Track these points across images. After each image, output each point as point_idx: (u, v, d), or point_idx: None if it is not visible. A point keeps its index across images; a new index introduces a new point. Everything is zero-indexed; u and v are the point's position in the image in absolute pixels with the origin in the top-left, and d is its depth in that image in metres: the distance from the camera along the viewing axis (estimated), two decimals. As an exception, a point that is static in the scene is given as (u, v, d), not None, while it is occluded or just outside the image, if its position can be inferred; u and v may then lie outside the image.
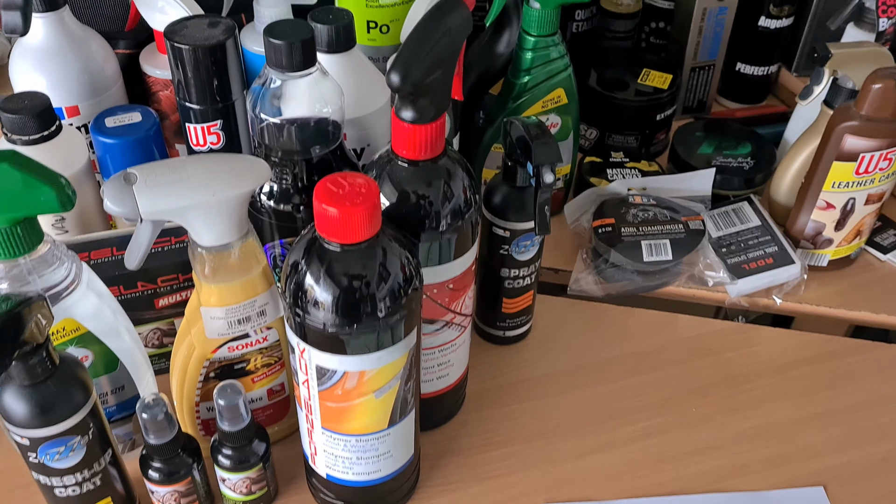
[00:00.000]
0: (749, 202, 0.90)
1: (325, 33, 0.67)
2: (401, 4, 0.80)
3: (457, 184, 0.57)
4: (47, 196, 0.50)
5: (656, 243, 0.81)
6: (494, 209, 0.69)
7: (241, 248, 0.56)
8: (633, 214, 0.84)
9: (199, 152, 0.71)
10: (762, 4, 1.01)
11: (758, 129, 1.00)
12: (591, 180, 0.91)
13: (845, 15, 0.88)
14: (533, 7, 0.76)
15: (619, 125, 0.98)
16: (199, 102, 0.68)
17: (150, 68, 0.78)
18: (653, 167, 0.93)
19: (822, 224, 0.83)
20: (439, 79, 0.52)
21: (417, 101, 0.52)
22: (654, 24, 1.07)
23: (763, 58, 1.05)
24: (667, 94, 0.96)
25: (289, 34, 0.58)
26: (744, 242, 0.85)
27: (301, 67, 0.59)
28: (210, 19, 0.68)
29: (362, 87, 0.70)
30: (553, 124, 0.83)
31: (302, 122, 0.60)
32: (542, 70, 0.80)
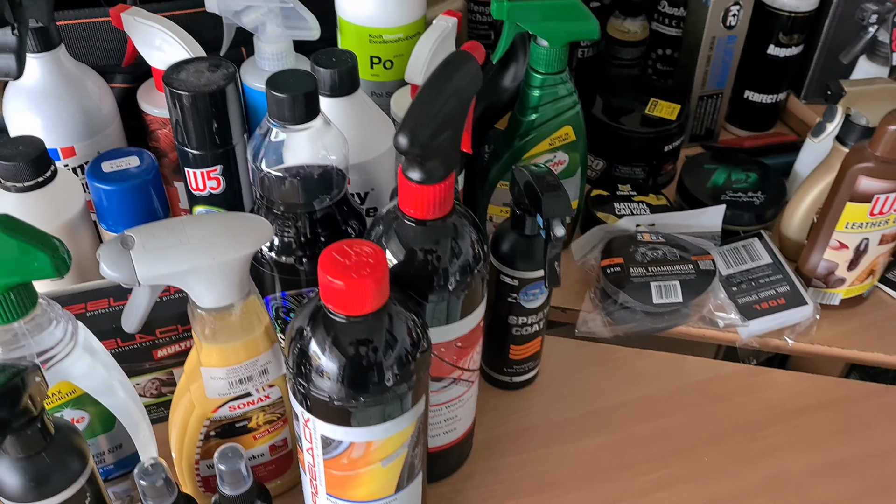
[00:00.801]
0: (759, 238, 0.88)
1: (328, 77, 0.65)
2: (405, 40, 0.79)
3: (465, 241, 0.55)
4: (41, 262, 0.48)
5: (666, 285, 0.79)
6: (502, 257, 0.67)
7: (243, 308, 0.55)
8: (642, 253, 0.82)
9: (199, 196, 0.69)
10: (772, 33, 0.99)
11: (766, 158, 0.99)
12: (599, 215, 0.89)
13: (858, 49, 0.86)
14: (541, 45, 0.74)
15: (626, 157, 0.96)
16: (198, 148, 0.66)
17: (148, 106, 0.76)
18: (661, 201, 0.91)
19: (835, 264, 0.81)
20: (449, 139, 0.50)
21: (426, 163, 0.50)
22: (661, 50, 1.05)
23: (772, 86, 1.04)
24: (675, 125, 0.95)
25: (291, 86, 0.56)
26: (755, 281, 0.84)
27: (304, 120, 0.57)
28: (210, 62, 0.66)
29: (366, 131, 0.68)
30: (560, 161, 0.81)
31: (305, 174, 0.58)
32: (549, 107, 0.78)
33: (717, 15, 0.94)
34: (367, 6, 0.76)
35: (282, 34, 0.77)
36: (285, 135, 0.57)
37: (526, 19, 0.73)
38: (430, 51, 0.72)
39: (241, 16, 0.76)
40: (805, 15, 0.97)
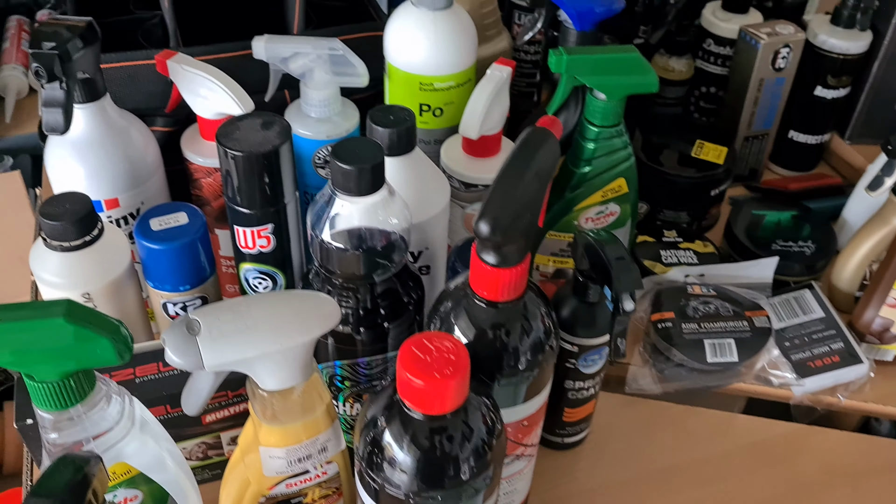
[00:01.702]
0: (811, 289, 0.86)
1: (385, 137, 0.63)
2: (455, 88, 0.76)
3: (537, 322, 0.53)
4: (104, 348, 0.46)
5: (720, 343, 0.77)
6: (563, 323, 0.65)
7: (305, 387, 0.53)
8: (694, 308, 0.80)
9: (247, 254, 0.67)
10: (820, 75, 0.97)
11: (811, 202, 0.97)
12: (646, 263, 0.87)
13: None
14: (598, 98, 0.72)
15: (671, 201, 0.94)
16: (249, 207, 0.64)
17: (193, 155, 0.74)
18: (708, 248, 0.89)
19: (891, 321, 0.79)
20: (527, 222, 0.48)
21: (503, 248, 0.48)
22: (705, 88, 1.03)
23: (817, 126, 1.01)
24: (722, 169, 0.92)
25: (357, 156, 0.54)
26: (808, 336, 0.81)
27: (369, 192, 0.55)
28: (264, 119, 0.64)
29: (422, 190, 0.66)
30: (612, 213, 0.79)
31: (367, 246, 0.56)
32: (603, 160, 0.76)
33: (766, 57, 0.92)
34: (419, 54, 0.74)
35: (329, 81, 0.75)
36: (349, 205, 0.55)
37: (585, 72, 0.71)
38: (486, 104, 0.70)
39: (289, 62, 0.74)
40: (855, 57, 0.95)
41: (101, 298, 0.65)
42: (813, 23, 0.97)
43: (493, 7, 0.87)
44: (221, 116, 0.72)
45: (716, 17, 0.98)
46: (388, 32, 0.76)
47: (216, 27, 0.88)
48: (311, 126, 0.76)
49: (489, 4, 0.86)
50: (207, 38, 0.83)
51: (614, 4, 0.76)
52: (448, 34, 0.74)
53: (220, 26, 0.87)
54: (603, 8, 0.76)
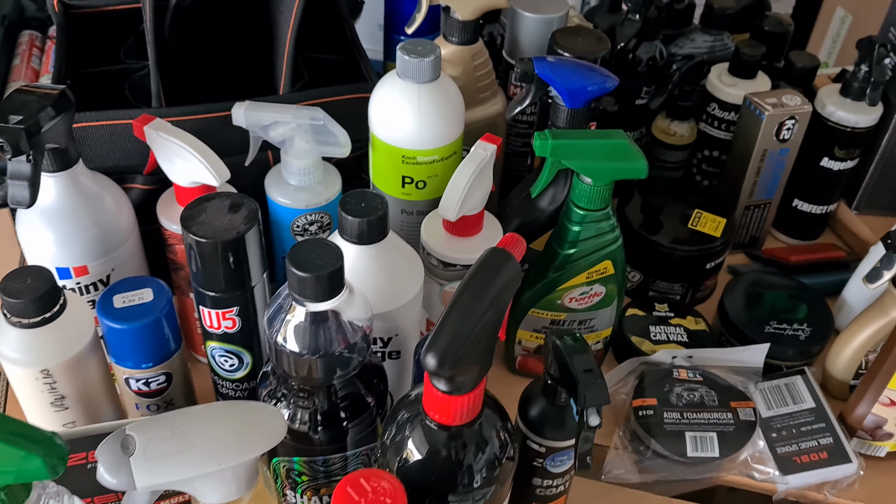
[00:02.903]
0: (803, 376, 0.83)
1: (355, 226, 0.61)
2: (440, 161, 0.74)
3: (492, 442, 0.51)
4: (35, 465, 0.44)
5: (702, 436, 0.75)
6: (530, 423, 0.63)
7: (252, 495, 0.51)
8: (678, 395, 0.78)
9: (213, 334, 0.66)
10: (827, 146, 0.94)
11: (813, 275, 0.94)
12: (633, 339, 0.84)
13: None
14: (584, 182, 0.70)
15: (665, 271, 0.91)
16: (213, 290, 0.62)
17: (167, 221, 0.72)
18: (699, 325, 0.87)
19: (884, 419, 0.76)
20: (483, 348, 0.46)
21: (455, 379, 0.46)
22: (708, 152, 1.00)
23: (822, 197, 0.98)
24: (719, 242, 0.90)
25: (314, 262, 0.52)
26: (796, 428, 0.79)
27: (327, 297, 0.53)
28: (232, 200, 0.62)
29: (394, 279, 0.64)
30: (597, 293, 0.77)
31: (325, 351, 0.54)
32: (589, 242, 0.73)
33: (770, 128, 0.89)
34: (402, 128, 0.72)
35: (310, 150, 0.73)
36: (306, 311, 0.53)
37: (570, 157, 0.68)
38: (466, 186, 0.68)
39: (269, 130, 0.72)
40: (864, 130, 0.92)
41: (60, 375, 0.63)
42: (822, 93, 0.94)
43: (487, 69, 0.84)
44: (197, 185, 0.71)
45: (721, 82, 0.95)
46: (373, 103, 0.74)
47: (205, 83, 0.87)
48: (291, 194, 0.75)
49: (484, 67, 0.84)
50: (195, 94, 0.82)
51: (607, 83, 0.73)
52: (433, 108, 0.72)
53: (208, 83, 0.86)
54: (595, 86, 0.73)
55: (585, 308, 0.78)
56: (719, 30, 1.00)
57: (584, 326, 0.80)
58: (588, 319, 0.79)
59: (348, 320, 0.55)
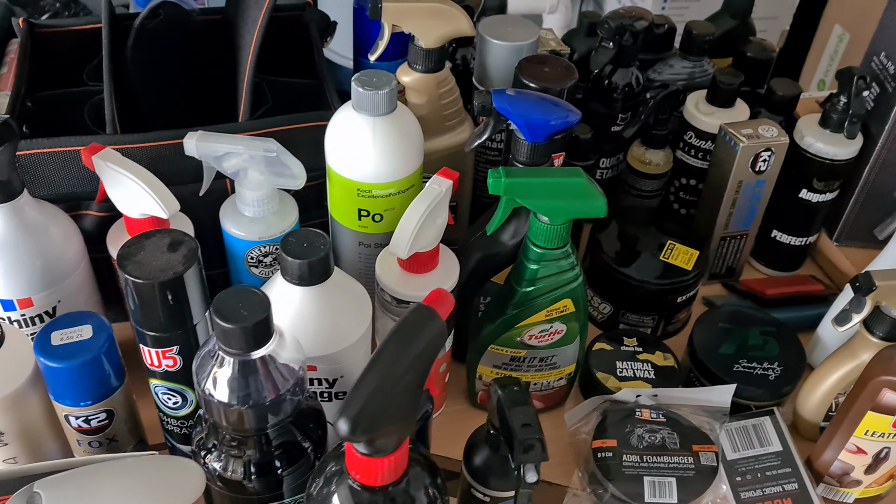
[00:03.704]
0: (771, 417, 0.81)
1: (296, 268, 0.59)
2: (396, 195, 0.73)
3: (420, 501, 0.49)
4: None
5: (661, 481, 0.73)
6: (474, 472, 0.61)
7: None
8: (639, 436, 0.76)
9: (154, 372, 0.64)
10: (806, 178, 0.91)
11: (787, 310, 0.92)
12: (598, 376, 0.82)
13: (895, 225, 0.78)
14: (541, 220, 0.68)
15: (635, 305, 0.89)
16: (151, 330, 0.61)
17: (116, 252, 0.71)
18: (668, 361, 0.84)
19: (851, 466, 0.74)
20: (403, 408, 0.45)
21: (374, 442, 0.44)
22: (685, 180, 0.98)
23: (801, 229, 0.96)
24: (691, 276, 0.87)
25: (239, 313, 0.50)
26: (761, 472, 0.76)
27: (254, 349, 0.51)
28: (171, 238, 0.61)
29: (338, 320, 0.63)
30: (557, 331, 0.75)
31: (255, 401, 0.53)
32: (548, 281, 0.71)
33: (745, 160, 0.87)
34: (356, 161, 0.71)
35: (263, 181, 0.71)
36: (233, 361, 0.52)
37: (525, 196, 0.66)
38: (417, 224, 0.67)
39: (221, 161, 0.71)
40: (843, 163, 0.90)
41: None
42: (801, 124, 0.91)
43: (454, 97, 0.82)
44: (146, 216, 0.69)
45: (698, 110, 0.93)
46: (328, 135, 0.72)
47: (167, 108, 0.85)
48: (245, 226, 0.73)
49: (450, 94, 0.82)
50: (157, 118, 0.81)
51: (568, 117, 0.71)
52: (388, 141, 0.70)
53: (170, 107, 0.85)
54: (557, 121, 0.71)
55: (546, 345, 0.76)
56: (699, 56, 0.98)
57: (545, 363, 0.78)
58: (549, 357, 0.77)
59: (279, 367, 0.53)
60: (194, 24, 0.92)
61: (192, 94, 0.89)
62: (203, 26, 0.93)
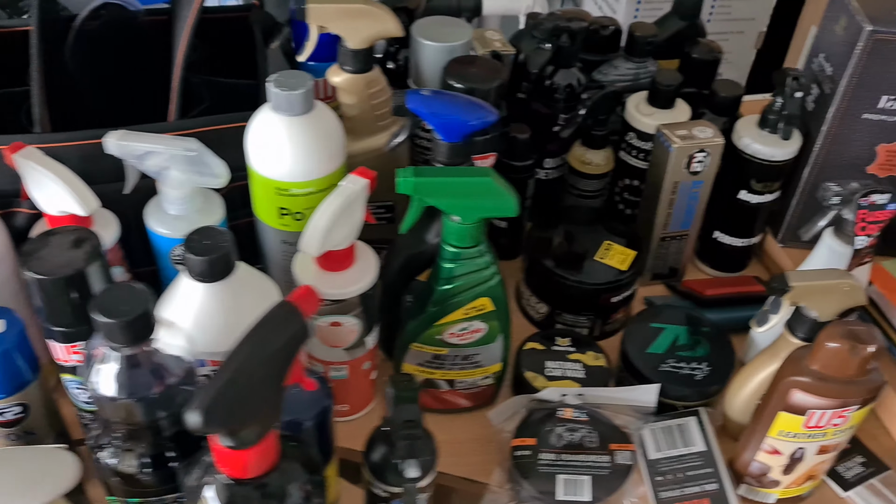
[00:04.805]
0: (696, 418, 0.81)
1: (197, 265, 0.60)
2: (315, 193, 0.74)
3: (291, 496, 0.50)
4: None
5: (574, 479, 0.73)
6: (373, 467, 0.62)
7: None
8: (558, 435, 0.76)
9: (64, 367, 0.65)
10: (744, 179, 0.91)
11: (727, 310, 0.92)
12: (527, 375, 0.83)
13: (819, 227, 0.78)
14: (453, 220, 0.69)
15: (570, 305, 0.89)
16: (57, 325, 0.62)
17: (39, 249, 0.72)
18: (599, 361, 0.85)
19: (768, 466, 0.74)
20: (263, 400, 0.45)
21: (235, 434, 0.45)
22: (628, 181, 0.98)
23: (742, 230, 0.96)
24: (626, 275, 0.88)
25: (120, 309, 0.51)
26: (682, 472, 0.77)
27: (137, 342, 0.52)
28: (77, 235, 0.62)
29: (243, 315, 0.62)
30: (477, 329, 0.76)
31: (142, 395, 0.54)
32: (464, 279, 0.72)
33: (679, 161, 0.87)
34: (274, 161, 0.72)
35: (185, 180, 0.72)
36: (116, 355, 0.53)
37: (434, 196, 0.67)
38: (329, 223, 0.67)
39: (143, 160, 0.72)
40: (781, 164, 0.90)
41: None
42: (739, 125, 0.92)
43: (385, 97, 0.83)
44: (66, 214, 0.71)
45: (638, 112, 0.93)
46: (247, 135, 0.73)
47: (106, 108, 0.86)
48: (169, 224, 0.74)
49: (381, 95, 0.83)
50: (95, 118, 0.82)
51: (487, 117, 0.72)
52: (306, 141, 0.71)
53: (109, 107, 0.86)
54: (476, 121, 0.72)
55: (468, 343, 0.77)
56: (642, 57, 0.98)
57: (469, 362, 0.79)
58: (472, 355, 0.78)
59: (166, 360, 0.54)
60: (140, 24, 0.93)
61: (135, 94, 0.90)
62: (149, 26, 0.94)
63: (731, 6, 1.68)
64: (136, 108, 0.83)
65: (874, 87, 0.86)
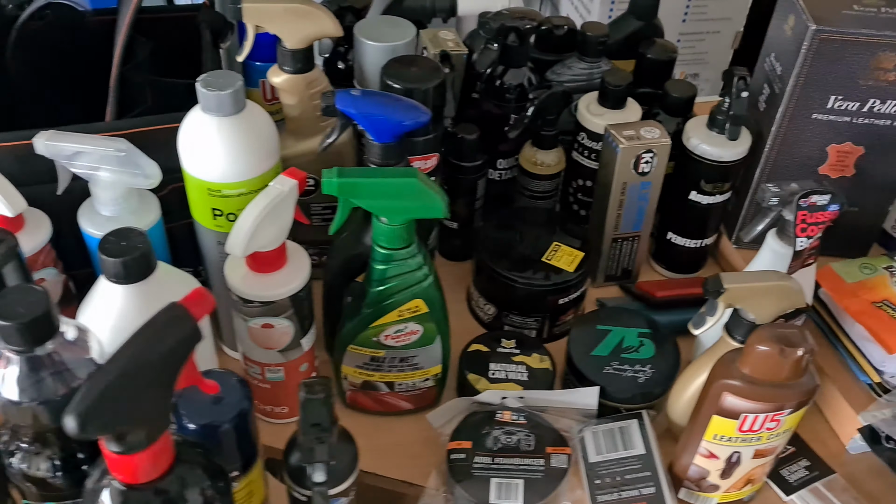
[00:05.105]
0: (639, 420, 0.80)
1: (111, 266, 0.60)
2: (248, 194, 0.73)
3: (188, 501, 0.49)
4: None
5: (507, 483, 0.72)
6: (291, 472, 0.61)
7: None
8: (495, 438, 0.76)
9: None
10: (694, 180, 0.91)
11: (682, 312, 0.91)
12: (469, 377, 0.82)
13: (760, 229, 0.78)
14: (381, 221, 0.68)
15: (517, 306, 0.89)
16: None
17: (-31, 250, 0.72)
18: (544, 363, 0.84)
19: (706, 470, 0.74)
20: (150, 405, 0.45)
21: (120, 439, 0.45)
22: (581, 181, 0.97)
23: (695, 231, 0.95)
24: (574, 277, 0.87)
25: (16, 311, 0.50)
26: (621, 476, 0.76)
27: (35, 344, 0.52)
28: (-7, 236, 0.62)
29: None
30: (413, 332, 0.75)
31: (46, 398, 0.53)
32: (397, 280, 0.71)
33: (626, 161, 0.86)
34: (205, 162, 0.71)
35: (115, 181, 0.72)
36: (18, 359, 0.52)
37: (359, 196, 0.67)
38: (254, 224, 0.67)
39: (73, 161, 0.71)
40: (729, 164, 0.89)
41: None
42: (689, 125, 0.91)
43: (328, 98, 0.83)
44: (-7, 215, 0.70)
45: (589, 112, 0.92)
46: (180, 135, 0.73)
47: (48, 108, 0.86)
48: (101, 225, 0.74)
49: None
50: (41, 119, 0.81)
51: (419, 117, 0.71)
52: (236, 141, 0.70)
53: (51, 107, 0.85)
54: (410, 121, 0.71)
55: (404, 346, 0.76)
56: (595, 57, 0.97)
57: (407, 364, 0.78)
58: (410, 357, 0.77)
59: (72, 363, 0.54)
60: (88, 24, 0.93)
61: (80, 94, 0.89)
62: (97, 27, 0.93)
63: (706, 6, 1.66)
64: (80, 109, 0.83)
65: (822, 87, 0.85)
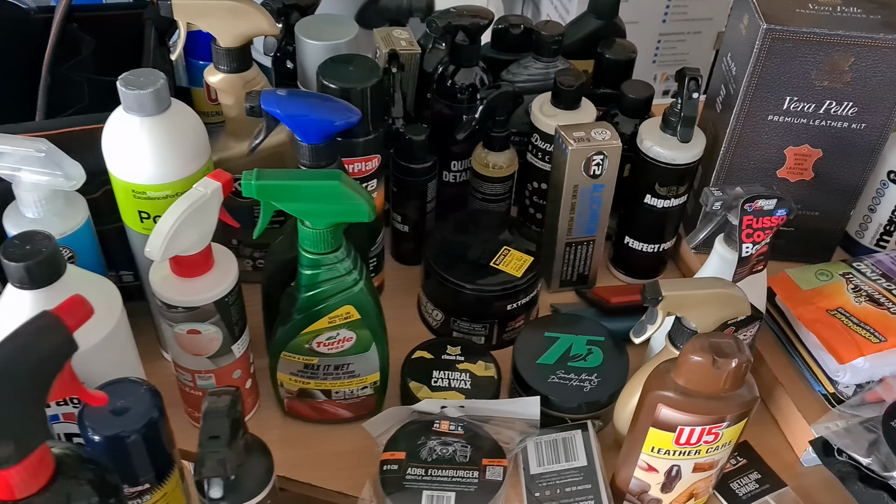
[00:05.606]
0: (583, 431, 0.78)
1: (15, 271, 0.58)
2: (174, 197, 0.71)
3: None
4: None
5: (439, 496, 0.70)
6: (198, 486, 0.59)
7: None
8: (431, 448, 0.73)
9: None
10: (649, 183, 0.88)
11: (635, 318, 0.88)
12: (411, 385, 0.80)
13: (703, 236, 0.75)
14: (305, 225, 0.66)
15: (464, 312, 0.87)
16: None
17: None
18: (489, 371, 0.82)
19: (647, 484, 0.71)
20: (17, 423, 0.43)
21: (-21, 454, 0.43)
22: (536, 184, 0.95)
23: (651, 236, 0.93)
24: (523, 281, 0.85)
25: None
26: (561, 488, 0.74)
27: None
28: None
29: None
30: (346, 339, 0.73)
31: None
32: (325, 286, 0.69)
33: (576, 163, 0.84)
34: (128, 163, 0.69)
35: (37, 183, 0.70)
36: None
37: (280, 199, 0.64)
38: (172, 227, 0.65)
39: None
40: (684, 167, 0.86)
41: None
42: (643, 127, 0.88)
43: (267, 98, 0.81)
44: (-88, 217, 0.69)
45: (542, 112, 0.90)
46: (104, 136, 0.71)
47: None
48: (25, 227, 0.71)
49: (263, 95, 0.80)
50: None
51: (350, 118, 0.69)
52: (158, 143, 0.68)
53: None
54: (340, 121, 0.69)
55: (337, 353, 0.74)
56: (551, 57, 0.95)
57: (343, 372, 0.76)
58: (345, 364, 0.75)
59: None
60: (31, 21, 0.91)
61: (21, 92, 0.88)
62: (42, 24, 0.91)
63: (687, 6, 1.64)
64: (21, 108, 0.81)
65: (777, 88, 0.83)
